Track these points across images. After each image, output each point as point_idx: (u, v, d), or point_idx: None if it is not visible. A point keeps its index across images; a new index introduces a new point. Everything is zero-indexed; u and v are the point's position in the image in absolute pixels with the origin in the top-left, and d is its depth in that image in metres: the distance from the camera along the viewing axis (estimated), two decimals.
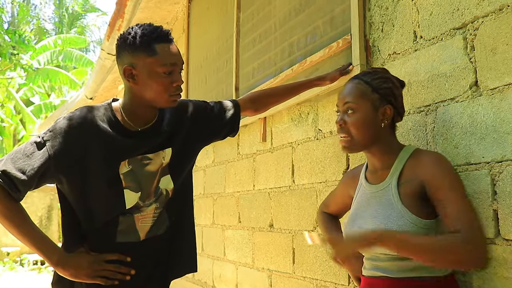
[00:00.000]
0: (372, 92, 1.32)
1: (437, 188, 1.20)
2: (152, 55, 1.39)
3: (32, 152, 1.39)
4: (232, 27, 3.06)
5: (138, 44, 1.39)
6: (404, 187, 1.26)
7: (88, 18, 20.44)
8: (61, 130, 1.42)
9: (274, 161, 2.47)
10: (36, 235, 1.42)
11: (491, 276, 1.24)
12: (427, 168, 1.23)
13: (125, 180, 1.46)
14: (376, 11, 1.75)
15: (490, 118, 1.26)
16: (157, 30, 1.41)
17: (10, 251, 10.28)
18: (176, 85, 1.44)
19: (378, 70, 1.39)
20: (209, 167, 3.39)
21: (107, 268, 1.45)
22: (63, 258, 1.43)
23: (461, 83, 1.36)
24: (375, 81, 1.33)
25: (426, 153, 1.29)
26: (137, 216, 1.50)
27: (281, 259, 2.33)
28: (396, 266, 1.24)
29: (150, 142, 1.51)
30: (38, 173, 1.38)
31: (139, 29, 1.42)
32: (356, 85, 1.35)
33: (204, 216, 3.42)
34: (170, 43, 1.43)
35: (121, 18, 4.13)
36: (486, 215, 1.25)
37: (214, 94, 3.39)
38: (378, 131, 1.32)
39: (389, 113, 1.32)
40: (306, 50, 2.21)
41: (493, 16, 1.27)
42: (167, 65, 1.40)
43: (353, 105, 1.32)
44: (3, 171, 1.35)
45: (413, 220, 1.20)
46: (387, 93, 1.33)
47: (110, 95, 6.16)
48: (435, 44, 1.47)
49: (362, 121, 1.31)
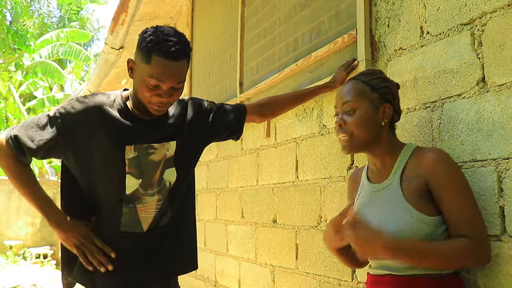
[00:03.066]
0: (372, 91, 1.33)
1: (441, 188, 1.21)
2: (146, 63, 1.40)
3: (44, 124, 1.50)
4: (236, 22, 3.05)
5: (142, 46, 1.42)
6: (407, 184, 1.26)
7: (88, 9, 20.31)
8: (74, 110, 1.51)
9: (278, 156, 2.46)
10: (41, 195, 1.54)
11: (497, 273, 1.23)
12: (430, 167, 1.23)
13: (129, 165, 1.52)
14: (382, 6, 1.74)
15: (497, 115, 1.25)
16: (165, 43, 1.38)
17: (13, 245, 10.32)
18: (159, 100, 1.43)
19: (375, 71, 1.41)
20: (212, 162, 3.39)
21: (91, 248, 1.52)
22: (61, 219, 1.54)
23: (468, 79, 1.35)
24: (374, 81, 1.35)
25: (428, 151, 1.28)
26: (140, 207, 1.54)
27: (284, 254, 2.33)
28: (401, 264, 1.24)
29: (156, 132, 1.55)
30: (46, 144, 1.48)
31: (153, 34, 1.41)
32: (355, 85, 1.35)
33: (207, 211, 3.42)
34: (170, 61, 1.39)
35: (125, 12, 4.12)
36: (492, 212, 1.25)
37: (217, 89, 3.39)
38: (378, 130, 1.32)
39: (388, 112, 1.33)
40: (311, 45, 2.20)
41: (501, 12, 1.26)
42: (153, 78, 1.40)
43: (353, 104, 1.32)
44: (15, 136, 1.47)
45: (417, 217, 1.20)
46: (386, 91, 1.34)
47: (113, 89, 6.15)
48: (442, 40, 1.46)
49: (363, 119, 1.31)
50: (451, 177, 1.21)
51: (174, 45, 1.39)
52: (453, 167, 1.23)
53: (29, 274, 8.09)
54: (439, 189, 1.21)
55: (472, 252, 1.16)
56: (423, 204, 1.22)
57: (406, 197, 1.24)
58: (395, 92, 1.38)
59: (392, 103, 1.35)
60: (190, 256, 1.72)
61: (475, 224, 1.18)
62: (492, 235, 1.24)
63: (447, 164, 1.23)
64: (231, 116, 1.76)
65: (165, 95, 1.43)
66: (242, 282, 2.82)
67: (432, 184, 1.22)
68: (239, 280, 2.85)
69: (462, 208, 1.18)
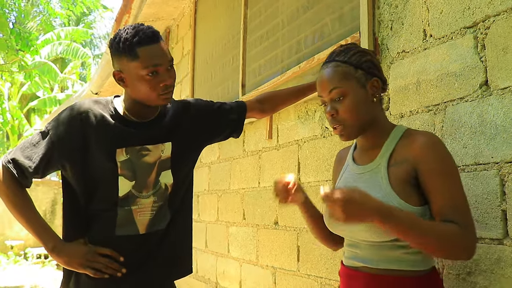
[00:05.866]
0: (355, 69, 1.24)
1: (431, 173, 1.13)
2: (135, 59, 1.42)
3: (37, 141, 1.52)
4: (239, 24, 3.06)
5: (121, 49, 1.43)
6: (394, 169, 1.18)
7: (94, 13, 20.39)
8: (63, 120, 1.52)
9: (280, 158, 2.46)
10: (37, 221, 1.53)
11: (499, 277, 1.23)
12: (420, 151, 1.16)
13: (121, 167, 1.51)
14: (386, 9, 1.74)
15: (500, 118, 1.25)
16: (139, 33, 1.42)
17: (14, 245, 10.33)
18: (163, 85, 1.46)
19: (348, 46, 1.31)
20: (214, 163, 3.39)
21: (100, 260, 1.50)
22: (58, 245, 1.52)
23: (471, 82, 1.36)
24: (353, 58, 1.26)
25: (418, 134, 1.21)
26: (135, 209, 1.53)
27: (286, 256, 2.33)
28: (376, 255, 1.19)
29: (149, 133, 1.55)
30: (43, 160, 1.49)
31: (124, 33, 1.44)
32: (336, 68, 1.26)
33: (209, 212, 3.42)
34: (153, 44, 1.43)
35: (128, 13, 4.13)
36: (494, 216, 1.25)
37: (220, 91, 3.39)
38: (372, 109, 1.25)
39: (377, 86, 1.26)
40: (314, 48, 2.20)
41: (504, 15, 1.26)
42: (149, 67, 1.42)
43: (341, 89, 1.23)
44: (13, 159, 1.48)
45: (401, 205, 1.13)
46: (369, 65, 1.26)
47: (115, 90, 6.16)
48: (445, 43, 1.46)
49: (355, 104, 1.23)
50: (443, 162, 1.14)
51: (146, 31, 1.43)
52: (445, 152, 1.16)
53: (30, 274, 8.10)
54: (428, 174, 1.13)
55: (460, 240, 1.07)
56: (408, 191, 1.15)
57: (392, 183, 1.16)
58: (376, 62, 1.29)
59: (377, 75, 1.27)
60: (186, 260, 1.71)
61: (466, 213, 1.10)
62: (494, 238, 1.24)
63: (439, 148, 1.16)
64: (231, 114, 1.75)
65: (166, 77, 1.45)
66: (243, 284, 2.82)
67: (421, 169, 1.15)
68: (240, 282, 2.85)
69: (453, 195, 1.11)
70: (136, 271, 1.54)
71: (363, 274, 1.22)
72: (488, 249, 1.26)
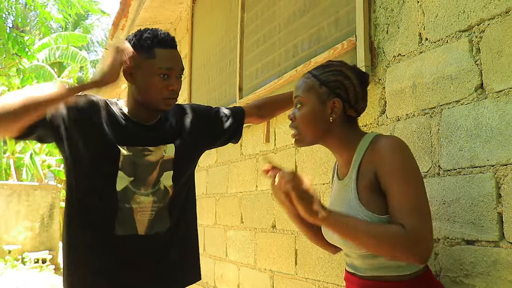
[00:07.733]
0: (320, 86, 1.29)
1: (386, 174, 1.15)
2: (151, 58, 1.47)
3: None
4: (236, 28, 3.06)
5: (140, 45, 1.48)
6: (362, 180, 1.21)
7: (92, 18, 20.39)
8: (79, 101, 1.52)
9: (277, 162, 2.47)
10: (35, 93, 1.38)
11: (495, 279, 1.23)
12: (379, 154, 1.18)
13: (122, 161, 1.52)
14: (381, 12, 1.75)
15: (496, 121, 1.26)
16: (160, 36, 1.49)
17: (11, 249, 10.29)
18: (171, 89, 1.50)
19: (333, 63, 1.35)
20: (211, 167, 3.39)
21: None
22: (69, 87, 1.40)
23: (466, 85, 1.36)
24: (324, 75, 1.30)
25: (382, 138, 1.23)
26: (136, 208, 1.54)
27: (284, 260, 2.33)
28: (364, 264, 1.23)
29: (152, 136, 1.57)
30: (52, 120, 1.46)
31: (145, 32, 1.51)
32: (305, 80, 1.33)
33: (206, 216, 3.42)
34: (171, 49, 1.51)
35: (125, 17, 4.14)
36: (490, 218, 1.25)
37: (217, 95, 3.40)
38: (326, 126, 1.29)
39: (338, 106, 1.27)
40: (311, 51, 2.21)
41: (499, 19, 1.27)
42: (162, 69, 1.47)
43: (301, 99, 1.31)
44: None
45: (368, 217, 1.15)
46: (336, 86, 1.28)
47: (113, 94, 6.16)
48: (441, 46, 1.47)
49: (308, 115, 1.29)
50: (399, 164, 1.15)
51: (166, 36, 1.51)
52: (403, 155, 1.17)
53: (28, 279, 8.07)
54: (384, 176, 1.15)
55: (402, 243, 1.07)
56: (374, 200, 1.17)
57: (360, 195, 1.19)
58: (348, 86, 1.29)
59: (342, 97, 1.28)
60: (193, 267, 1.71)
61: (416, 215, 1.10)
62: (490, 241, 1.25)
63: (397, 151, 1.17)
64: (230, 119, 1.76)
65: (175, 82, 1.50)
66: (241, 287, 2.81)
67: (379, 171, 1.17)
68: (238, 286, 2.85)
69: (405, 196, 1.11)
70: (140, 275, 1.54)
71: (358, 280, 1.27)
72: (484, 251, 1.26)
